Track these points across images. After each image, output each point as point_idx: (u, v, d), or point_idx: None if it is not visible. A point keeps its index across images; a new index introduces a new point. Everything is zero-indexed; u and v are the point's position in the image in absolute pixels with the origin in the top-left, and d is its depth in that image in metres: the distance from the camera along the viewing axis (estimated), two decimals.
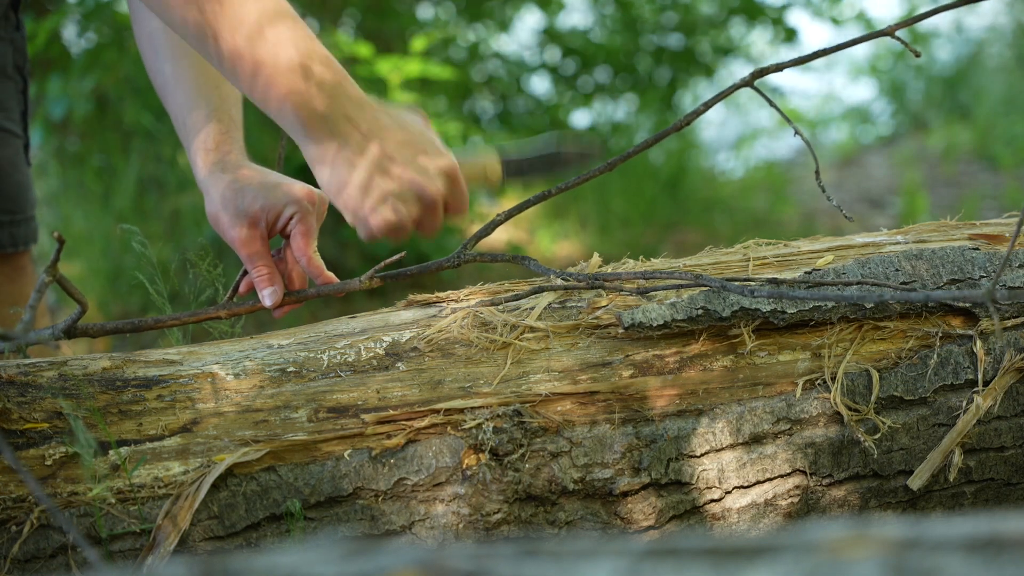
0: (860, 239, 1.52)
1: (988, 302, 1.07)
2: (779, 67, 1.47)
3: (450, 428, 1.32)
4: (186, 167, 4.07)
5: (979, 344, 1.41)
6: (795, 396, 1.39)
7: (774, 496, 1.39)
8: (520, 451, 1.32)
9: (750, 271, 1.46)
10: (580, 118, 5.45)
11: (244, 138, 1.47)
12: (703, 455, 1.36)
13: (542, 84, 5.41)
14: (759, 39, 5.70)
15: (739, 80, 1.47)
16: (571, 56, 5.19)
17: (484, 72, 5.15)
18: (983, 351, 1.41)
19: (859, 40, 1.50)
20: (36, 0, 4.14)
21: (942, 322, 1.42)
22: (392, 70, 3.97)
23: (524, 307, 1.41)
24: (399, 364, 1.35)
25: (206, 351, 1.37)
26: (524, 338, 1.38)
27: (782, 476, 1.39)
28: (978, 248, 1.46)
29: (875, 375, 1.39)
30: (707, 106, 1.49)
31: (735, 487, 1.37)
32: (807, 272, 1.42)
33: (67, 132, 4.35)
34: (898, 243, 1.50)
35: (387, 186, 1.31)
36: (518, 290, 1.43)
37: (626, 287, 1.41)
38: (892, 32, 1.46)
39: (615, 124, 5.33)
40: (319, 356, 1.35)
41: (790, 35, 5.03)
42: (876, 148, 7.13)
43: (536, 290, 1.42)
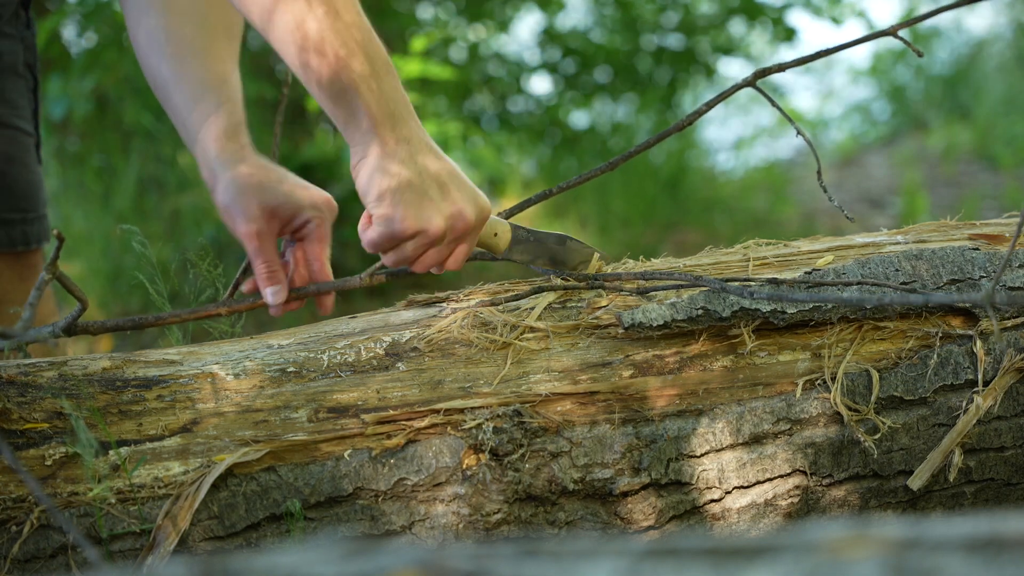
0: (860, 239, 1.52)
1: (987, 306, 1.07)
2: (781, 67, 1.47)
3: (450, 428, 1.32)
4: (186, 167, 4.07)
5: (979, 344, 1.41)
6: (795, 396, 1.39)
7: (774, 496, 1.39)
8: (520, 451, 1.32)
9: (750, 271, 1.46)
10: (580, 118, 5.44)
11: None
12: (703, 455, 1.36)
13: (542, 84, 5.41)
14: (759, 39, 5.70)
15: (741, 80, 1.48)
16: (571, 56, 5.18)
17: (484, 72, 5.15)
18: (983, 351, 1.41)
19: (861, 40, 1.50)
20: (36, 0, 4.14)
21: (942, 322, 1.42)
22: None
23: (524, 307, 1.41)
24: (399, 364, 1.35)
25: (206, 351, 1.37)
26: (524, 338, 1.38)
27: (782, 476, 1.39)
28: (978, 248, 1.46)
29: (875, 375, 1.39)
30: (709, 106, 1.49)
31: (735, 487, 1.37)
32: (807, 272, 1.42)
33: (67, 132, 4.35)
34: (898, 243, 1.50)
35: (418, 175, 1.27)
36: (518, 290, 1.43)
37: (626, 287, 1.41)
38: (895, 32, 1.46)
39: (615, 124, 5.33)
40: (319, 356, 1.35)
41: (790, 35, 5.03)
42: (876, 148, 7.12)
43: (536, 290, 1.42)
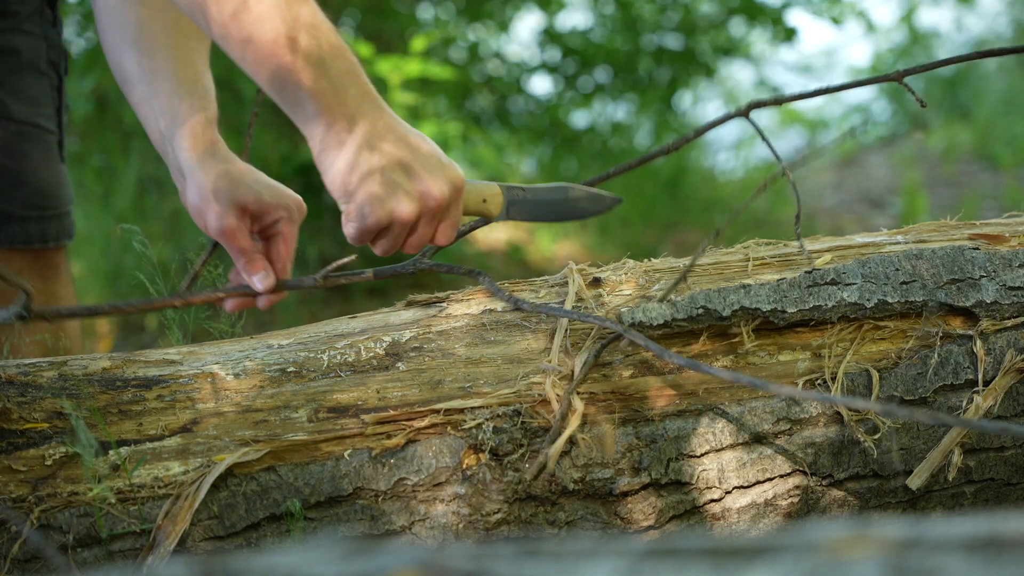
0: (860, 239, 1.52)
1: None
2: (777, 101, 1.50)
3: (450, 428, 1.32)
4: None
5: (979, 344, 1.41)
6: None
7: (774, 496, 1.39)
8: (520, 451, 1.32)
9: (750, 271, 1.46)
10: (580, 118, 5.44)
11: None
12: (703, 455, 1.36)
13: (542, 84, 5.41)
14: (759, 39, 5.69)
15: (734, 110, 1.52)
16: (571, 56, 5.18)
17: (484, 72, 5.15)
18: (983, 351, 1.41)
19: (865, 82, 1.57)
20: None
21: (942, 322, 1.42)
22: (392, 70, 3.97)
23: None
24: (399, 364, 1.35)
25: (206, 351, 1.37)
26: (524, 338, 1.38)
27: (782, 476, 1.39)
28: (978, 248, 1.46)
29: (875, 375, 1.39)
30: (698, 133, 1.55)
31: (735, 487, 1.37)
32: (807, 272, 1.42)
33: (67, 132, 4.35)
34: (898, 243, 1.50)
35: (378, 162, 1.24)
36: (518, 290, 1.44)
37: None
38: (900, 78, 1.48)
39: (615, 124, 5.33)
40: (319, 356, 1.35)
41: (789, 35, 5.04)
42: (876, 148, 7.12)
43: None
